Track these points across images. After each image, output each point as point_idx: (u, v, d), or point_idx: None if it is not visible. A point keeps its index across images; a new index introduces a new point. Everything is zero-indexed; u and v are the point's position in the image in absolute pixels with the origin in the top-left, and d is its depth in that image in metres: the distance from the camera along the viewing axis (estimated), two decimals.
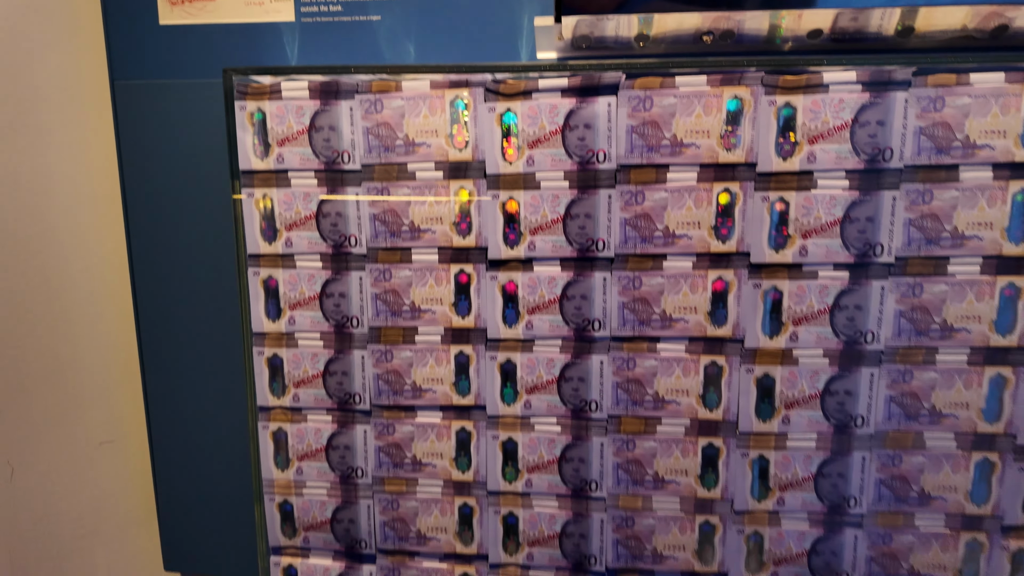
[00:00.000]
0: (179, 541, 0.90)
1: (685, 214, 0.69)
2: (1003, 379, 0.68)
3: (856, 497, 0.72)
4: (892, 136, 0.65)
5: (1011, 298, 0.66)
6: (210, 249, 0.81)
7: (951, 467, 0.70)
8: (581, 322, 0.73)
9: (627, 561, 0.77)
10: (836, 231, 0.67)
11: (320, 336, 0.77)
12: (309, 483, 0.80)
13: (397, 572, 0.81)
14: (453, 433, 0.78)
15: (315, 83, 0.72)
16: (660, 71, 0.67)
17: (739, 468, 0.73)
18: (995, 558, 0.72)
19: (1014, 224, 0.65)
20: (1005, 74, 0.64)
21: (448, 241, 0.73)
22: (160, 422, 0.87)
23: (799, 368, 0.70)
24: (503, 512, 0.78)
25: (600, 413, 0.75)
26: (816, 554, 0.74)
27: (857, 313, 0.68)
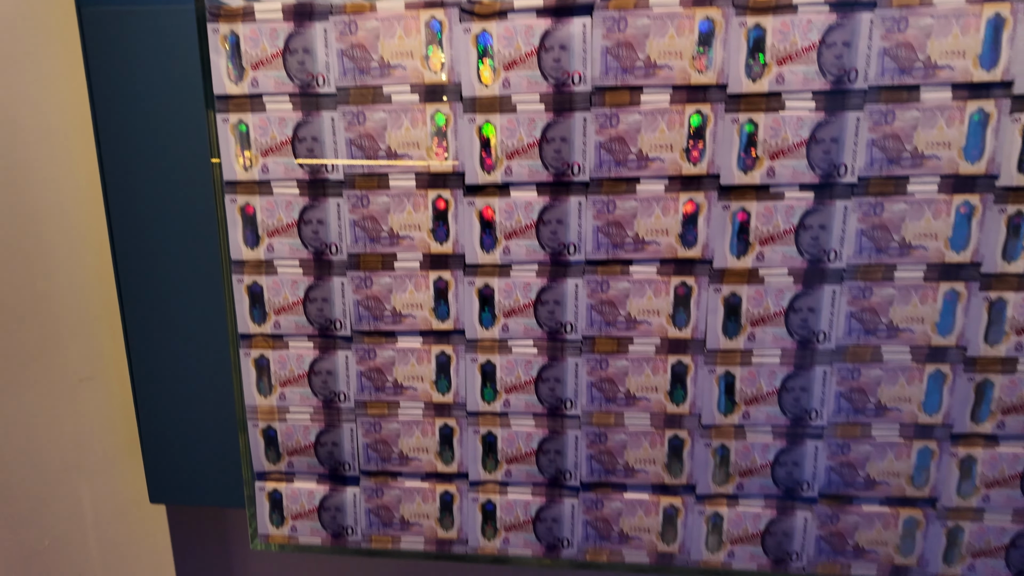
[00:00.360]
0: (163, 473, 0.92)
1: (658, 136, 0.71)
2: (956, 294, 0.72)
3: (817, 410, 0.76)
4: (857, 57, 0.67)
5: (966, 216, 0.70)
6: (186, 177, 0.80)
7: (906, 379, 0.74)
8: (557, 246, 0.75)
9: (600, 475, 0.80)
10: (802, 152, 0.69)
11: (299, 263, 0.78)
12: (292, 408, 0.82)
13: (380, 492, 0.84)
14: (433, 357, 0.80)
15: (288, 4, 0.71)
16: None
17: (706, 384, 0.76)
18: (944, 464, 0.77)
19: (971, 143, 0.68)
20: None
21: (425, 166, 0.74)
22: (141, 356, 0.88)
23: (765, 287, 0.73)
24: (482, 432, 0.81)
25: (575, 334, 0.77)
26: (779, 465, 0.78)
27: (821, 232, 0.71)
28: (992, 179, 0.69)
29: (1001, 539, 0.78)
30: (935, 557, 0.79)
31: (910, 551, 0.79)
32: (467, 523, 0.83)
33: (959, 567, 0.79)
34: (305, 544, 0.87)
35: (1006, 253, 0.70)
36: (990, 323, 0.72)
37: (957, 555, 0.79)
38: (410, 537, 0.85)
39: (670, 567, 0.82)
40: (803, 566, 0.81)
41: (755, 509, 0.79)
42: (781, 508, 0.79)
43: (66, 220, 0.89)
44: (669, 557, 0.82)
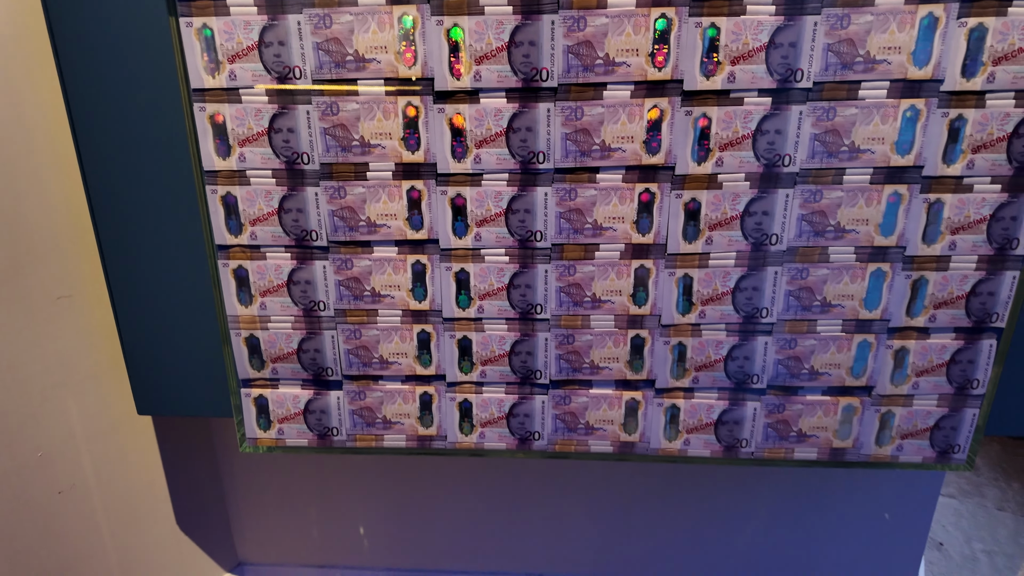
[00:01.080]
0: (149, 386, 0.95)
1: (624, 40, 0.72)
2: (899, 196, 0.77)
3: (768, 308, 0.82)
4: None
5: (911, 120, 0.73)
6: (152, 86, 0.79)
7: (850, 278, 0.80)
8: (526, 155, 0.77)
9: (568, 373, 0.86)
10: (761, 57, 0.72)
11: (272, 173, 0.79)
12: (273, 317, 0.85)
13: (363, 395, 0.89)
14: (409, 266, 0.83)
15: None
16: None
17: (666, 286, 0.81)
18: (881, 356, 0.84)
19: (920, 48, 0.71)
20: None
21: (394, 72, 0.74)
22: (118, 272, 0.89)
23: (723, 192, 0.77)
24: (458, 336, 0.85)
25: (544, 242, 0.81)
26: (731, 360, 0.84)
27: (777, 137, 0.74)
28: (937, 83, 0.72)
29: (927, 422, 0.87)
30: (869, 440, 0.88)
31: (847, 435, 0.88)
32: (445, 421, 0.89)
33: (889, 448, 0.88)
34: (292, 445, 0.92)
35: (946, 156, 0.75)
36: (928, 224, 0.78)
37: (888, 437, 0.88)
38: (392, 435, 0.90)
39: (631, 455, 0.90)
40: (751, 451, 0.89)
41: (709, 400, 0.87)
42: (732, 399, 0.86)
43: (31, 139, 0.87)
44: (630, 446, 0.89)
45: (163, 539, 1.16)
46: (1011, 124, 0.73)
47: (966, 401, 0.85)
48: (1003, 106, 0.73)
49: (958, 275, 0.80)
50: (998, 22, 0.70)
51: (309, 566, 1.33)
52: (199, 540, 1.24)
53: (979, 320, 0.81)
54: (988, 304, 0.81)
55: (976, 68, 0.71)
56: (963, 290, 0.80)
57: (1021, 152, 0.74)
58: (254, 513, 1.29)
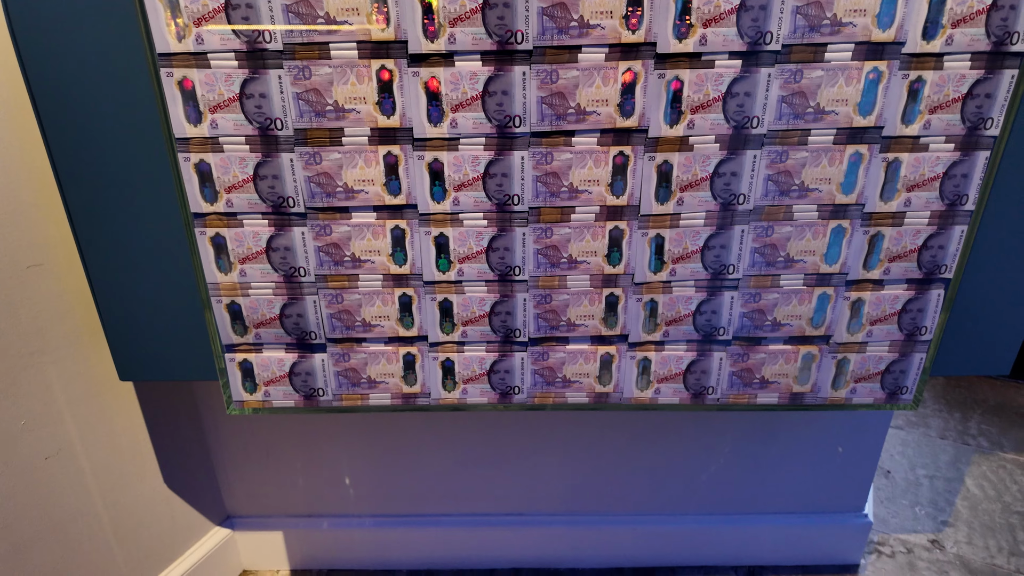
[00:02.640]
0: (129, 352, 0.95)
1: (599, 2, 0.72)
2: (860, 156, 0.80)
3: (734, 264, 0.86)
4: None
5: (874, 81, 0.76)
6: (116, 51, 0.76)
7: (812, 234, 0.84)
8: (503, 119, 0.78)
9: (546, 331, 0.90)
10: (733, 19, 0.73)
11: (245, 140, 0.78)
12: (254, 284, 0.86)
13: (347, 357, 0.91)
14: (388, 231, 0.84)
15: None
16: None
17: (639, 246, 0.84)
18: (838, 307, 0.89)
19: (884, 11, 0.73)
20: None
21: (367, 34, 0.73)
22: (90, 240, 0.88)
23: (694, 154, 0.79)
24: (439, 299, 0.88)
25: (522, 206, 0.82)
26: (700, 314, 0.89)
27: (746, 100, 0.76)
28: (899, 45, 0.75)
29: (878, 366, 0.93)
30: (825, 384, 0.95)
31: (806, 381, 0.94)
32: (429, 378, 0.93)
33: (843, 391, 0.95)
34: (279, 407, 0.94)
35: (905, 117, 0.78)
36: (886, 182, 0.82)
37: (843, 381, 0.94)
38: (377, 394, 0.94)
39: (606, 404, 0.95)
40: (718, 398, 0.95)
41: (678, 352, 0.91)
42: (700, 350, 0.91)
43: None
44: (605, 396, 0.94)
45: (152, 496, 1.19)
46: (966, 85, 0.76)
47: (914, 347, 0.92)
48: (960, 68, 0.76)
49: (911, 230, 0.84)
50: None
51: (296, 516, 1.39)
52: (187, 496, 1.28)
53: (929, 272, 0.87)
54: (938, 257, 0.86)
55: (936, 31, 0.74)
56: (916, 244, 0.85)
57: (974, 112, 0.78)
58: (240, 467, 1.32)
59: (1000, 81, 0.76)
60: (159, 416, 1.17)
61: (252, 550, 1.40)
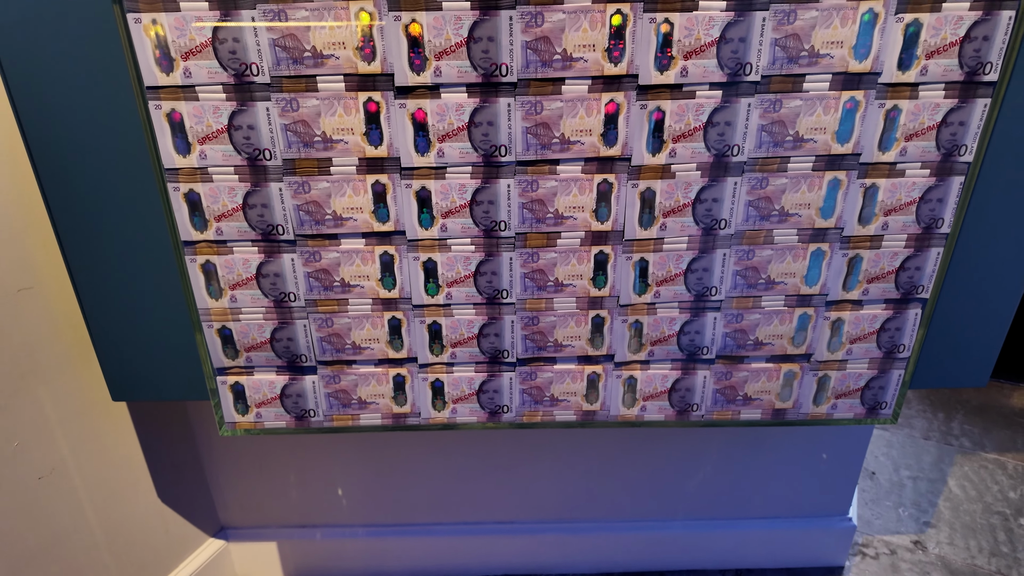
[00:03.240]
0: (122, 373, 0.96)
1: (581, 36, 0.73)
2: (838, 181, 0.82)
3: (717, 287, 0.88)
4: None
5: (851, 111, 0.78)
6: (104, 84, 0.77)
7: (792, 257, 0.86)
8: (489, 148, 0.79)
9: (533, 352, 0.91)
10: (713, 51, 0.74)
11: (234, 170, 0.79)
12: (245, 309, 0.87)
13: (337, 379, 0.92)
14: (377, 257, 0.85)
15: None
16: None
17: (624, 270, 0.86)
18: (819, 326, 0.91)
19: (860, 42, 0.74)
20: None
21: (353, 67, 0.74)
22: (81, 265, 0.88)
23: (676, 181, 0.81)
24: (428, 321, 0.89)
25: (508, 231, 0.84)
26: (683, 334, 0.91)
27: (727, 129, 0.78)
28: (876, 75, 0.76)
29: (858, 383, 0.96)
30: (807, 400, 0.97)
31: (788, 397, 0.96)
32: (419, 399, 0.94)
33: (825, 407, 0.98)
34: (271, 428, 0.96)
35: (882, 144, 0.80)
36: (864, 206, 0.84)
37: (824, 397, 0.97)
38: (368, 414, 0.95)
39: (593, 422, 0.97)
40: (702, 414, 0.97)
41: (663, 371, 0.93)
42: (684, 369, 0.93)
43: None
44: (592, 414, 0.96)
45: (146, 511, 1.20)
46: (940, 114, 0.78)
47: (893, 364, 0.94)
48: (934, 97, 0.78)
49: (889, 252, 0.86)
50: (932, 18, 0.73)
51: (290, 527, 1.40)
52: (181, 509, 1.29)
53: (906, 292, 0.89)
54: (915, 278, 0.88)
55: (911, 61, 0.76)
56: (893, 266, 0.87)
57: (948, 140, 0.80)
58: (234, 479, 1.33)
59: (973, 109, 0.78)
60: (152, 432, 1.18)
61: (246, 561, 1.41)
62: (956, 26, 0.74)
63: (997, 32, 0.74)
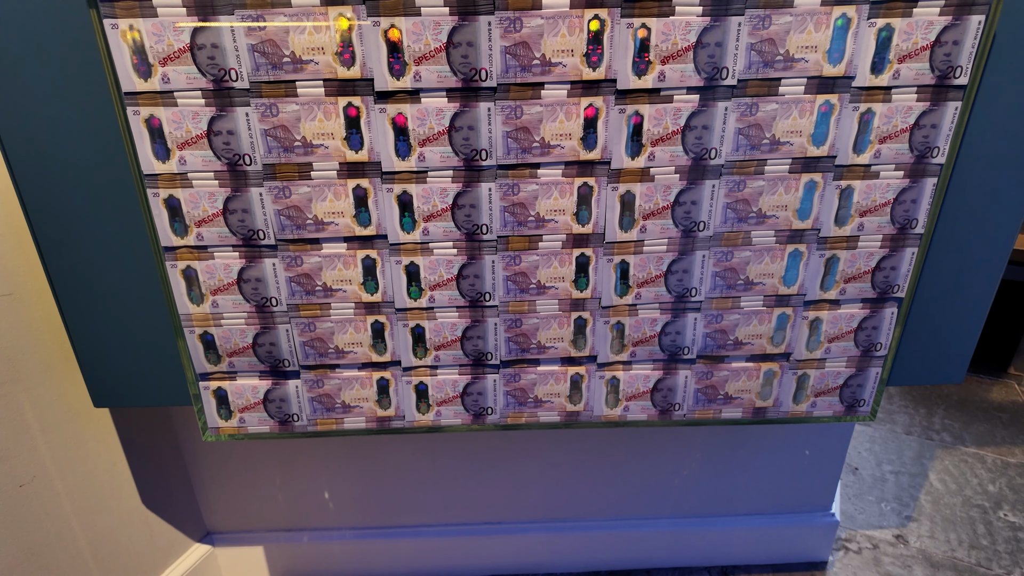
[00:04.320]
0: (103, 379, 0.96)
1: (560, 41, 0.74)
2: (815, 184, 0.83)
3: (696, 288, 0.89)
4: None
5: (826, 114, 0.79)
6: (81, 90, 0.76)
7: (770, 258, 0.87)
8: (469, 152, 0.79)
9: (517, 354, 0.92)
10: (690, 56, 0.75)
11: (214, 175, 0.79)
12: (226, 314, 0.87)
13: (321, 383, 0.92)
14: (359, 261, 0.85)
15: None
16: None
17: (605, 272, 0.87)
18: (797, 326, 0.93)
19: (834, 47, 0.76)
20: None
21: (332, 72, 0.74)
22: (60, 271, 0.88)
23: (655, 184, 0.82)
24: (411, 325, 0.89)
25: (490, 235, 0.84)
26: (665, 335, 0.92)
27: (704, 132, 0.79)
28: (849, 80, 0.78)
29: (837, 381, 0.97)
30: (787, 399, 0.98)
31: (768, 396, 0.98)
32: (403, 402, 0.94)
33: (804, 405, 0.99)
34: (255, 432, 0.96)
35: (856, 146, 0.81)
36: (839, 208, 0.85)
37: (803, 396, 0.98)
38: (352, 418, 0.95)
39: (577, 423, 0.98)
40: (684, 414, 0.98)
41: (645, 371, 0.94)
42: (666, 369, 0.94)
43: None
44: (576, 415, 0.97)
45: (131, 517, 1.19)
46: (913, 117, 0.80)
47: (871, 362, 0.96)
48: (906, 100, 0.79)
49: (865, 253, 0.88)
50: (903, 22, 0.75)
51: (277, 530, 1.40)
52: (166, 515, 1.28)
53: (882, 291, 0.91)
54: (890, 277, 0.90)
55: (884, 65, 0.77)
56: (869, 266, 0.89)
57: (920, 142, 0.81)
58: (219, 484, 1.33)
59: (944, 112, 0.80)
60: (135, 437, 1.17)
61: (233, 565, 1.41)
62: (927, 31, 0.75)
63: (967, 37, 0.76)
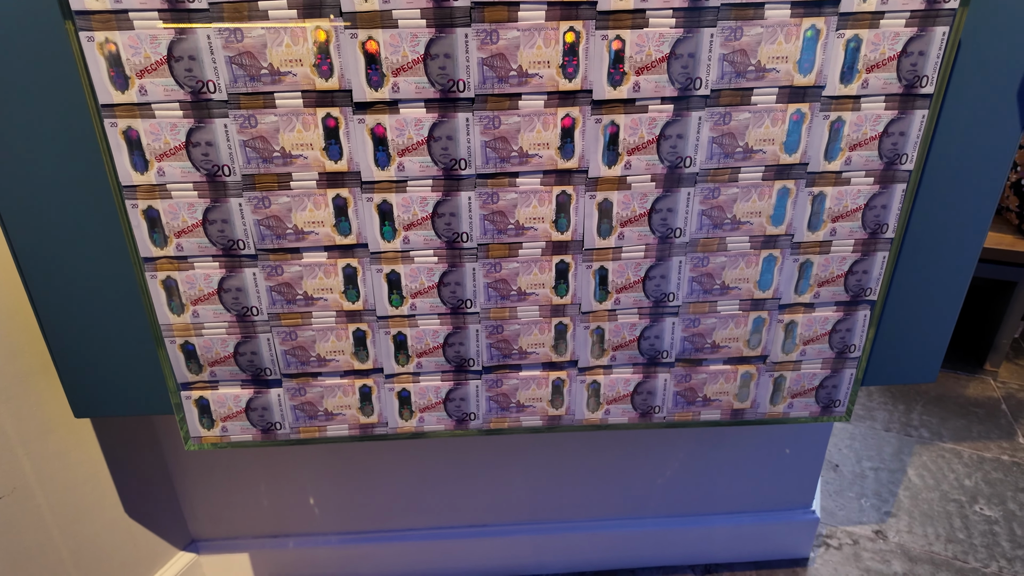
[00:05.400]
0: (84, 389, 0.95)
1: (536, 53, 0.75)
2: (787, 190, 0.85)
3: (674, 292, 0.90)
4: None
5: (797, 122, 0.81)
6: (58, 97, 0.76)
7: (745, 263, 0.89)
8: (448, 162, 0.80)
9: (499, 360, 0.93)
10: (664, 67, 0.76)
11: (193, 186, 0.79)
12: (207, 324, 0.87)
13: (303, 391, 0.93)
14: (340, 270, 0.86)
15: None
16: None
17: (584, 278, 0.88)
18: (773, 329, 0.95)
19: (804, 57, 0.77)
20: None
21: (311, 84, 0.75)
22: (38, 282, 0.87)
23: (631, 192, 0.83)
24: (393, 332, 0.90)
25: (471, 243, 0.85)
26: (644, 339, 0.93)
27: (679, 141, 0.80)
28: (819, 89, 0.79)
29: (812, 382, 0.99)
30: (764, 400, 1.00)
31: (745, 398, 0.99)
32: (386, 409, 0.95)
33: (781, 406, 1.01)
34: (237, 441, 0.96)
35: (827, 154, 0.83)
36: (812, 213, 0.87)
37: (780, 397, 1.00)
38: (335, 425, 0.96)
39: (559, 426, 0.99)
40: (664, 416, 1.00)
41: (625, 375, 0.96)
42: (646, 372, 0.96)
43: None
44: (558, 419, 0.98)
45: (113, 527, 1.19)
46: (881, 125, 0.82)
47: (845, 363, 0.98)
48: (875, 109, 0.81)
49: (838, 257, 0.90)
50: (871, 34, 0.77)
51: (262, 536, 1.40)
52: (149, 524, 1.27)
53: (855, 294, 0.93)
54: (863, 281, 0.92)
55: (852, 75, 0.79)
56: (842, 270, 0.91)
57: (889, 149, 0.83)
58: (203, 491, 1.32)
59: (912, 120, 0.82)
60: (117, 446, 1.17)
61: (218, 573, 1.40)
62: (894, 42, 0.77)
63: (932, 47, 0.78)
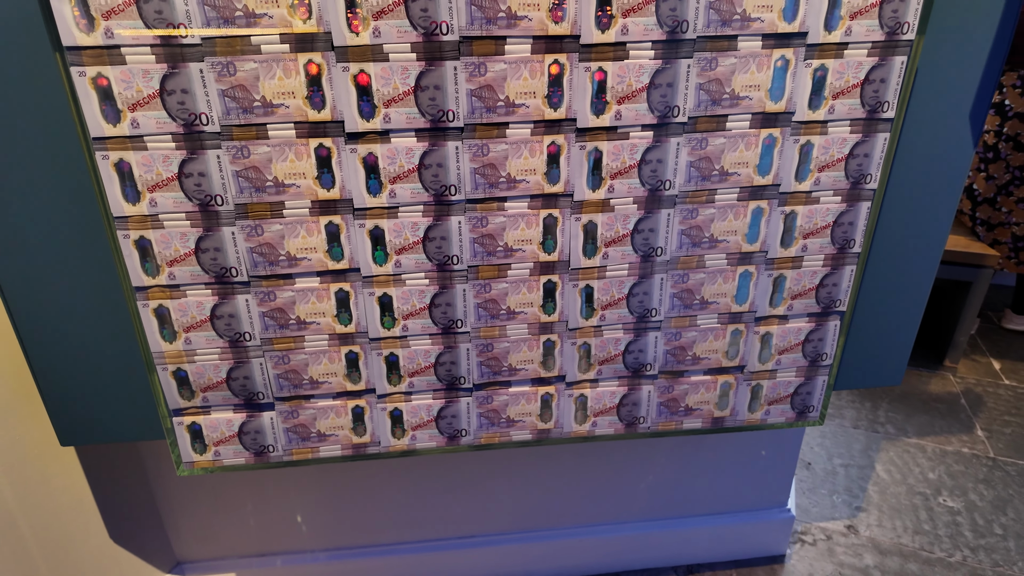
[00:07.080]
0: (70, 417, 0.95)
1: (523, 84, 0.78)
2: (761, 210, 0.89)
3: (656, 308, 0.94)
4: (688, 10, 0.76)
5: (770, 146, 0.85)
6: (49, 131, 0.76)
7: (723, 279, 0.93)
8: (439, 188, 0.82)
9: (489, 377, 0.95)
10: (644, 96, 0.80)
11: (186, 216, 0.80)
12: (200, 351, 0.87)
13: (296, 413, 0.94)
14: (332, 294, 0.87)
15: None
16: None
17: (571, 296, 0.91)
18: (750, 340, 0.99)
19: (775, 85, 0.82)
20: None
21: (303, 115, 0.76)
22: (23, 311, 0.86)
23: (615, 213, 0.86)
24: (384, 353, 0.92)
25: (461, 265, 0.88)
26: (628, 353, 0.97)
27: (659, 166, 0.84)
28: (790, 115, 0.84)
29: (788, 390, 1.04)
30: (742, 408, 1.05)
31: (725, 406, 1.04)
32: (378, 428, 0.97)
33: (759, 413, 1.06)
34: (230, 465, 0.96)
35: (798, 175, 0.88)
36: (785, 231, 0.92)
37: (757, 405, 1.05)
38: (328, 446, 0.97)
39: (548, 440, 1.02)
40: (648, 426, 1.03)
41: (611, 388, 0.99)
42: (631, 385, 0.99)
43: None
44: (547, 432, 1.01)
45: (98, 553, 1.17)
46: (847, 147, 0.87)
47: (818, 371, 1.03)
48: (841, 132, 0.86)
49: (809, 271, 0.95)
50: (836, 63, 0.82)
51: (249, 556, 1.39)
52: (134, 548, 1.26)
53: (826, 306, 0.98)
54: (833, 293, 0.97)
55: (820, 101, 0.84)
56: (813, 283, 0.96)
57: (855, 170, 0.88)
58: (188, 512, 1.31)
59: (875, 143, 0.87)
60: (102, 471, 1.15)
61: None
62: (857, 70, 0.82)
63: (892, 75, 0.83)
